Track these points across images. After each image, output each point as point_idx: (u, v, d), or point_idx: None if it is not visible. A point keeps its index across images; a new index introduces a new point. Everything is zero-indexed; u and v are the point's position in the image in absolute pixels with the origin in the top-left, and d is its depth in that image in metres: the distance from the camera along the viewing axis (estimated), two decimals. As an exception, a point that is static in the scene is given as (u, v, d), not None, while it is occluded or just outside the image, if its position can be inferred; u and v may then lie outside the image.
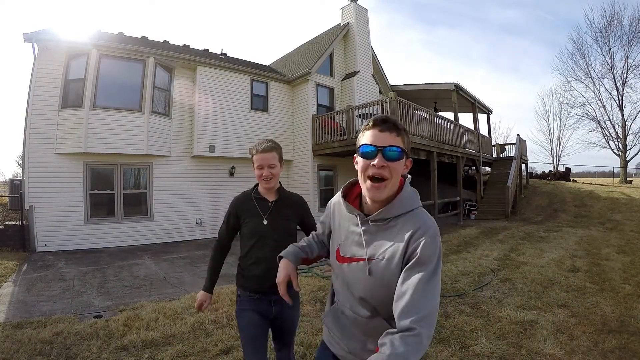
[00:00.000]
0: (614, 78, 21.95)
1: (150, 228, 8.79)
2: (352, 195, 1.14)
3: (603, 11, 27.04)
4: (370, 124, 1.00)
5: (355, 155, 1.05)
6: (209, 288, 1.85)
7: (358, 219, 1.05)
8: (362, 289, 1.01)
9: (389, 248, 0.96)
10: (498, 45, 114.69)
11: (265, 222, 1.75)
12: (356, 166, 1.04)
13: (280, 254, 1.24)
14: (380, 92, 13.06)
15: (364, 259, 1.01)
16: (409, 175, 1.08)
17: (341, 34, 12.07)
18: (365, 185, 0.99)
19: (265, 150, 1.72)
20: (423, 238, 0.92)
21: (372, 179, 0.96)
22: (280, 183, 1.86)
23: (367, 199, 1.02)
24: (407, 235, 0.94)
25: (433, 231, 0.95)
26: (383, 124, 0.97)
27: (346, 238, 1.09)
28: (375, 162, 0.95)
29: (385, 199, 0.99)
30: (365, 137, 1.00)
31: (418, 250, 0.91)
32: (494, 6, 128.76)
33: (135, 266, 6.16)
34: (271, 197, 1.81)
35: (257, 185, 1.83)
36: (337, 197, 1.19)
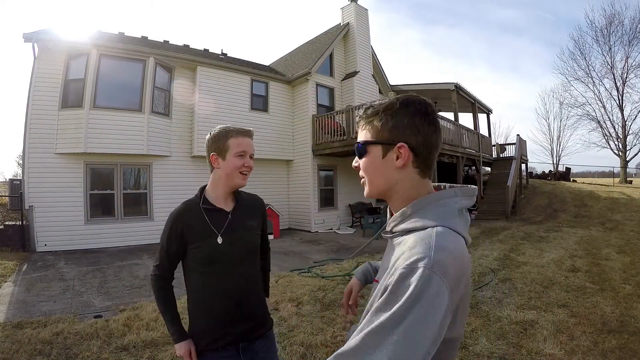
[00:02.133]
0: (614, 78, 21.99)
1: (150, 228, 8.79)
2: None
3: (603, 11, 27.08)
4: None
5: None
6: (183, 334, 1.31)
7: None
8: None
9: (385, 270, 0.70)
10: (497, 45, 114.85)
11: (220, 240, 1.27)
12: None
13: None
14: (380, 92, 13.06)
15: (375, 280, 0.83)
16: (446, 185, 0.80)
17: (341, 34, 12.07)
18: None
19: (250, 134, 1.36)
20: (399, 271, 0.59)
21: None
22: None
23: None
24: (392, 260, 0.67)
25: (420, 258, 0.59)
26: (361, 119, 0.80)
27: None
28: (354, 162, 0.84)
29: (397, 207, 0.76)
30: None
31: (390, 285, 0.59)
32: (494, 5, 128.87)
33: (135, 266, 6.16)
34: (229, 205, 1.35)
35: (202, 190, 1.37)
36: None
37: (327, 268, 5.73)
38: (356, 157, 0.82)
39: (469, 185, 0.79)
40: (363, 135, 0.79)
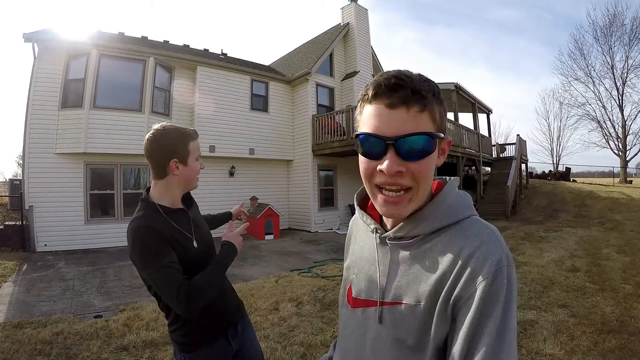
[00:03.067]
0: (614, 78, 21.99)
1: (150, 228, 8.79)
2: (370, 206, 0.76)
3: (606, 10, 27.07)
4: (370, 92, 0.58)
5: (355, 139, 0.65)
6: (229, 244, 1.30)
7: (375, 235, 0.69)
8: (371, 349, 0.65)
9: (419, 285, 0.59)
10: (497, 44, 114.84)
11: (195, 243, 1.22)
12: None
13: None
14: (380, 92, 13.05)
15: (376, 301, 0.65)
16: (450, 178, 0.70)
17: (341, 34, 12.07)
18: (374, 197, 0.63)
19: (197, 133, 1.32)
20: (483, 274, 0.54)
21: (385, 188, 0.60)
22: None
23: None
24: (448, 264, 0.57)
25: (498, 258, 0.55)
26: (394, 91, 0.56)
27: (359, 269, 0.72)
28: (384, 166, 0.57)
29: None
30: (366, 119, 0.60)
31: (476, 294, 0.53)
32: (492, 5, 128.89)
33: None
34: (179, 205, 1.29)
35: (147, 200, 1.23)
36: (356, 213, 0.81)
37: (327, 268, 5.73)
38: (393, 156, 0.56)
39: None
40: (425, 121, 0.57)
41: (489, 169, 15.33)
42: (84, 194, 8.09)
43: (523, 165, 16.27)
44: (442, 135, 0.60)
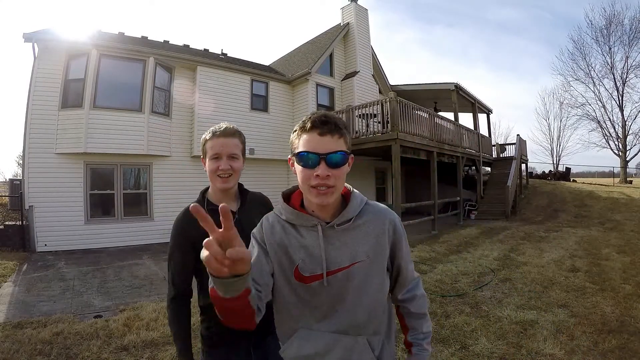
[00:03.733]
0: (614, 78, 22.01)
1: (150, 228, 8.79)
2: (295, 204, 0.99)
3: (603, 10, 27.07)
4: (308, 125, 0.89)
5: (290, 157, 0.96)
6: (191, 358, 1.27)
7: (319, 227, 0.93)
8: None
9: (370, 246, 0.94)
10: (497, 44, 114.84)
11: None
12: (292, 170, 0.96)
13: None
14: (380, 92, 13.06)
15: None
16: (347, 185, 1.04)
17: (341, 34, 12.08)
18: (310, 194, 0.89)
19: (225, 133, 1.25)
20: (400, 229, 1.00)
21: (317, 186, 0.87)
22: (239, 183, 1.38)
23: (315, 206, 0.93)
24: (385, 227, 0.97)
25: (399, 219, 1.03)
26: (323, 126, 0.87)
27: (307, 255, 0.94)
28: (319, 172, 0.85)
29: (333, 203, 0.93)
30: (303, 142, 0.89)
31: (399, 233, 0.99)
32: (493, 5, 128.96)
33: (135, 266, 6.16)
34: (231, 205, 1.29)
35: (206, 191, 1.33)
36: (272, 216, 1.01)
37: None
38: (324, 166, 0.86)
39: None
40: (341, 144, 0.90)
41: (489, 169, 15.33)
42: (84, 194, 8.09)
43: (523, 165, 16.27)
44: (350, 153, 0.93)
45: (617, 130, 22.51)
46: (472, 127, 14.01)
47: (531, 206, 13.21)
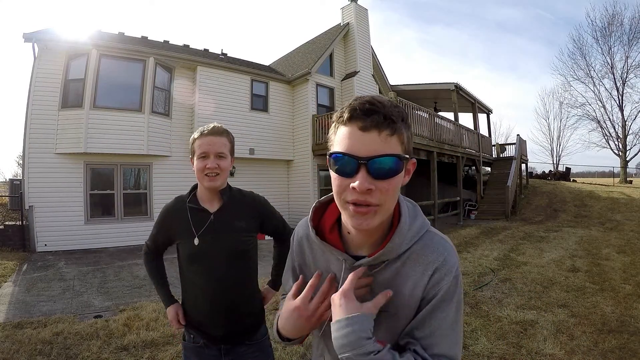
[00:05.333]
0: (614, 78, 22.00)
1: (150, 228, 8.49)
2: (328, 222, 0.77)
3: (605, 10, 27.08)
4: (346, 115, 0.63)
5: (328, 157, 0.68)
6: (170, 299, 1.43)
7: (344, 264, 0.72)
8: None
9: (396, 299, 0.68)
10: (496, 44, 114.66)
11: (196, 241, 1.27)
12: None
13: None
14: (380, 92, 13.06)
15: None
16: (403, 197, 0.76)
17: (341, 34, 12.07)
18: (345, 211, 0.66)
19: (213, 132, 1.26)
20: (443, 284, 0.66)
21: (355, 204, 0.63)
22: (229, 184, 1.38)
23: (351, 227, 0.68)
24: (427, 271, 0.67)
25: (457, 269, 0.69)
26: (367, 116, 0.60)
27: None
28: (356, 183, 0.60)
29: (379, 226, 0.68)
30: (340, 139, 0.64)
31: (440, 292, 0.67)
32: (492, 4, 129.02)
33: (135, 266, 6.16)
34: (214, 206, 1.32)
35: (195, 189, 1.37)
36: (304, 228, 0.83)
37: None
38: (364, 175, 0.60)
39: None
40: (394, 144, 0.62)
41: (489, 169, 15.34)
42: (84, 194, 8.09)
43: (523, 165, 16.27)
44: (409, 157, 0.65)
45: (617, 130, 22.52)
46: (472, 127, 14.02)
47: (531, 206, 13.21)
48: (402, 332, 0.68)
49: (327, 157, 0.67)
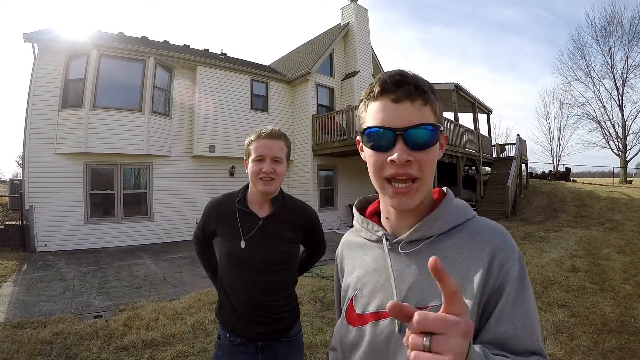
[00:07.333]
0: (614, 78, 21.96)
1: (150, 228, 8.79)
2: (368, 212, 0.77)
3: (604, 11, 27.03)
4: (377, 89, 0.61)
5: (358, 139, 0.67)
6: None
7: (384, 240, 0.67)
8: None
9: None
10: (496, 44, 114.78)
11: (243, 244, 1.26)
12: (362, 156, 0.67)
13: None
14: (380, 92, 13.05)
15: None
16: (446, 188, 0.73)
17: (341, 34, 12.08)
18: (384, 192, 0.63)
19: (271, 135, 1.23)
20: (510, 266, 0.59)
21: (394, 179, 0.61)
22: (281, 189, 1.35)
23: (390, 210, 0.66)
24: (483, 259, 0.59)
25: (518, 253, 0.62)
26: (398, 87, 0.59)
27: (364, 283, 0.69)
28: (394, 156, 0.58)
29: (418, 209, 0.64)
30: (372, 115, 0.62)
31: (507, 274, 0.59)
32: (492, 4, 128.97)
33: (135, 266, 6.16)
34: (263, 211, 1.30)
35: (245, 189, 1.34)
36: (346, 237, 0.82)
37: (327, 268, 5.73)
38: (402, 147, 0.58)
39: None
40: (427, 114, 0.61)
41: (489, 169, 15.33)
42: (84, 194, 8.09)
43: (523, 165, 16.26)
44: (442, 129, 0.63)
45: (617, 130, 22.50)
46: (472, 127, 14.00)
47: (531, 206, 13.20)
48: (478, 333, 0.57)
49: (359, 136, 0.64)
